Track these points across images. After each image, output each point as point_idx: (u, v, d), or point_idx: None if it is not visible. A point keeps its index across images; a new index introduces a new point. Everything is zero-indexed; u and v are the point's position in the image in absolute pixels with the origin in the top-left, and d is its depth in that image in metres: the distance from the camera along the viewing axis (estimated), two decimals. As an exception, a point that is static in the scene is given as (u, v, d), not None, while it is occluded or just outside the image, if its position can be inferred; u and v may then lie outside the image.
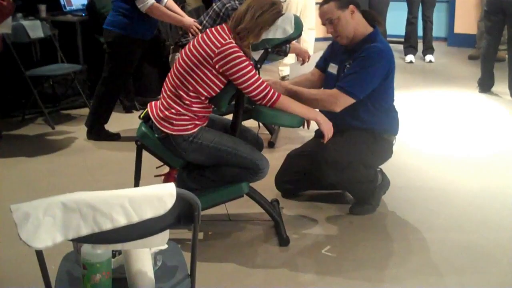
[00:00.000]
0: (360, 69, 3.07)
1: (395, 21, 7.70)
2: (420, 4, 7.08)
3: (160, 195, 1.64)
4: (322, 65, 3.46)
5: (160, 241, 1.75)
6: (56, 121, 5.21)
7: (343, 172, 3.11)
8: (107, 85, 4.61)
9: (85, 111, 5.27)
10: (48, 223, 1.57)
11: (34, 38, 5.39)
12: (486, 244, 2.99)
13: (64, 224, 1.58)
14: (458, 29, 7.87)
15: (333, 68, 3.29)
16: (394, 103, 3.34)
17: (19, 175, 4.11)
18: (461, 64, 7.09)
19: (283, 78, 6.18)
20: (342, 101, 3.07)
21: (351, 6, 3.11)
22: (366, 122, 3.19)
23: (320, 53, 4.70)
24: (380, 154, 3.30)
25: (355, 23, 3.13)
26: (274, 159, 3.59)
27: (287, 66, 6.13)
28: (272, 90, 2.82)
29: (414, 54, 7.20)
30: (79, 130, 4.91)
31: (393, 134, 3.32)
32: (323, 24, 3.20)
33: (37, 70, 5.34)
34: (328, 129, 2.93)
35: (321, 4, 3.19)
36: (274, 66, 6.23)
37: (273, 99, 2.81)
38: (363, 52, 3.08)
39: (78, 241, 1.64)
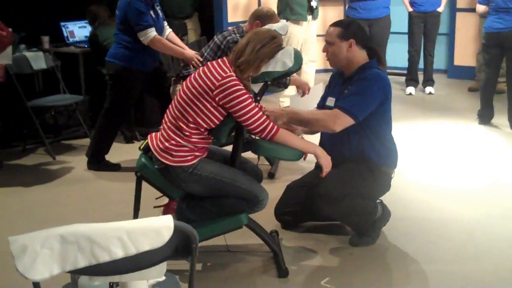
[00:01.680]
0: (359, 91, 3.13)
1: (396, 53, 7.77)
2: (421, 37, 7.15)
3: (157, 228, 1.65)
4: (322, 104, 3.47)
5: (158, 273, 1.75)
6: (57, 152, 5.23)
7: (338, 205, 3.10)
8: (109, 116, 4.64)
9: (86, 141, 5.30)
10: (46, 255, 1.57)
11: (36, 69, 5.44)
12: (486, 276, 2.98)
13: (61, 256, 1.58)
14: (458, 61, 7.93)
15: (331, 102, 3.32)
16: (393, 135, 3.35)
17: (19, 204, 4.12)
18: (461, 96, 7.13)
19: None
20: (342, 120, 3.09)
21: (351, 40, 3.19)
22: (363, 153, 3.20)
23: (320, 85, 4.75)
24: (377, 186, 3.30)
25: (350, 55, 3.21)
26: (274, 190, 3.60)
27: (287, 97, 6.17)
28: (271, 124, 2.84)
29: (415, 86, 7.24)
30: (80, 161, 4.93)
31: (391, 167, 3.32)
32: (325, 40, 3.34)
33: (39, 100, 5.38)
34: (327, 162, 2.94)
35: (331, 24, 3.32)
36: (275, 97, 6.28)
37: (272, 133, 2.83)
38: (361, 75, 3.17)
39: (76, 273, 1.64)
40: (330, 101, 3.33)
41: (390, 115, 3.28)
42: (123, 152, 5.11)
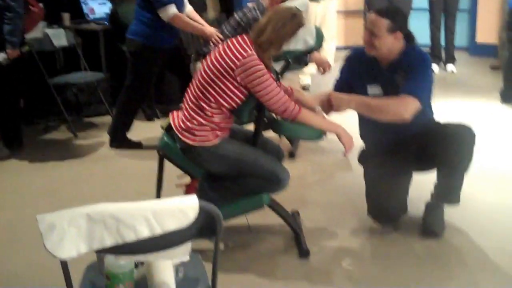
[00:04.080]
0: (419, 75, 3.03)
1: (418, 30, 7.66)
2: (442, 14, 7.06)
3: (183, 208, 1.66)
4: (338, 89, 3.27)
5: (183, 253, 1.76)
6: (79, 129, 5.27)
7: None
8: (130, 93, 4.66)
9: (108, 119, 5.33)
10: (73, 233, 1.59)
11: (58, 47, 5.46)
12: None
13: (88, 234, 1.60)
14: (480, 38, 7.82)
15: (374, 90, 3.17)
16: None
17: (42, 182, 4.17)
18: (483, 74, 7.04)
19: (303, 87, 6.20)
20: (412, 107, 2.96)
21: (398, 33, 3.06)
22: (424, 118, 3.16)
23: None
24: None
25: (392, 46, 3.08)
26: (295, 169, 3.60)
27: (307, 75, 6.15)
28: (293, 103, 2.82)
29: (438, 63, 7.17)
30: (102, 138, 4.96)
31: None
32: (365, 27, 3.14)
33: (61, 78, 5.41)
34: (349, 141, 2.91)
35: (376, 13, 3.08)
36: (294, 75, 6.24)
37: (294, 112, 2.81)
38: (410, 60, 3.07)
39: (102, 252, 1.66)
40: (374, 89, 3.17)
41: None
42: (144, 130, 5.14)
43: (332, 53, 6.35)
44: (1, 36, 4.30)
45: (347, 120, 3.34)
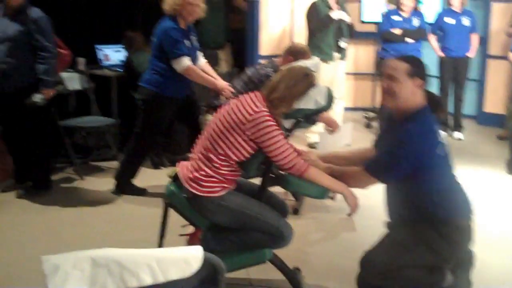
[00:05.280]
0: (389, 151, 2.82)
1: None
2: (452, 82, 7.15)
3: (187, 258, 1.68)
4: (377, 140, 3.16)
5: (183, 303, 1.76)
6: (85, 172, 5.30)
7: (392, 281, 2.81)
8: (138, 140, 4.70)
9: (115, 164, 5.35)
10: (76, 276, 1.60)
11: (71, 90, 5.54)
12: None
13: (91, 278, 1.61)
14: (488, 108, 7.89)
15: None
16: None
17: (45, 222, 4.17)
18: (490, 143, 7.07)
19: (310, 145, 6.24)
20: (370, 182, 2.88)
21: (418, 81, 2.81)
22: (426, 211, 2.82)
23: (349, 125, 4.77)
24: (447, 246, 2.82)
25: (412, 96, 2.82)
26: (298, 226, 3.59)
27: (314, 133, 6.19)
28: (301, 161, 2.85)
29: (445, 130, 7.22)
30: (107, 183, 4.98)
31: (463, 217, 2.88)
32: (382, 74, 2.93)
33: (71, 120, 5.48)
34: (354, 203, 2.91)
35: (397, 58, 2.89)
36: (301, 132, 6.29)
37: (302, 169, 2.84)
38: (403, 129, 2.81)
39: (103, 297, 1.66)
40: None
41: (445, 167, 2.91)
42: (149, 177, 5.15)
43: (340, 113, 6.42)
44: (35, 77, 4.41)
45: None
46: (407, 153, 2.75)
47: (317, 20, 6.01)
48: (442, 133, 2.91)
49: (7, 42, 4.29)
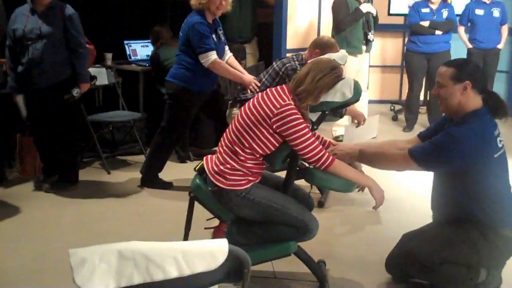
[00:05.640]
0: (437, 143, 2.84)
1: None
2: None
3: (212, 251, 1.68)
4: (427, 134, 3.17)
5: (208, 296, 1.77)
6: (112, 166, 5.35)
7: (429, 273, 2.87)
8: (165, 134, 4.73)
9: (141, 158, 5.40)
10: (103, 269, 1.62)
11: (98, 85, 5.60)
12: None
13: (118, 271, 1.62)
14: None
15: None
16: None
17: (73, 216, 4.22)
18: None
19: (336, 138, 6.21)
20: (410, 167, 2.90)
21: (466, 82, 2.82)
22: (471, 214, 2.87)
23: (376, 117, 4.73)
24: (490, 253, 2.88)
25: (463, 99, 2.85)
26: (324, 219, 3.59)
27: (340, 126, 6.16)
28: (327, 154, 2.85)
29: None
30: (134, 177, 5.02)
31: (506, 228, 2.88)
32: (435, 81, 2.98)
33: (99, 115, 5.53)
34: (380, 196, 2.91)
35: (444, 63, 2.99)
36: (327, 126, 6.27)
37: (327, 163, 2.83)
38: (453, 127, 2.87)
39: (129, 290, 1.67)
40: None
41: (497, 173, 2.89)
42: (176, 171, 5.19)
43: (365, 105, 6.38)
44: (68, 72, 4.50)
45: (383, 174, 3.34)
46: (454, 149, 2.78)
47: (347, 14, 5.98)
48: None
49: (43, 40, 4.36)
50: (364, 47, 6.16)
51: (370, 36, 6.13)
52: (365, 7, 6.00)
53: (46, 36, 4.36)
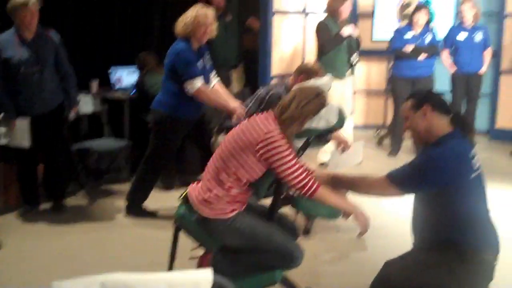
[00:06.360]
0: (414, 165, 2.80)
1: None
2: (464, 97, 7.12)
3: (197, 281, 1.67)
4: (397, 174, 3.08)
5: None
6: (97, 195, 5.31)
7: None
8: (150, 163, 4.71)
9: (126, 187, 5.35)
10: (86, 302, 1.60)
11: (83, 113, 5.58)
12: None
13: (101, 304, 1.60)
14: (500, 123, 7.85)
15: None
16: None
17: (57, 246, 4.18)
18: (503, 159, 7.02)
19: (321, 163, 6.21)
20: (389, 192, 2.84)
21: (424, 108, 2.83)
22: (449, 237, 2.80)
23: (361, 143, 4.74)
24: (469, 279, 2.76)
25: (427, 124, 2.84)
26: (309, 246, 3.57)
27: (326, 152, 6.17)
28: (312, 180, 2.84)
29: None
30: (119, 205, 4.98)
31: (488, 252, 2.80)
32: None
33: (84, 143, 5.50)
34: (364, 224, 2.88)
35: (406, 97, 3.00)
36: (312, 152, 6.27)
37: (312, 189, 2.82)
38: (430, 150, 2.84)
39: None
40: None
41: (474, 194, 2.86)
42: (161, 199, 5.15)
43: (349, 130, 6.39)
44: (61, 96, 4.68)
45: (370, 201, 3.33)
46: (433, 168, 2.74)
47: (329, 39, 6.03)
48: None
49: (42, 68, 4.48)
50: (348, 70, 6.21)
51: (353, 58, 6.19)
52: (346, 31, 6.05)
53: (44, 64, 4.46)
